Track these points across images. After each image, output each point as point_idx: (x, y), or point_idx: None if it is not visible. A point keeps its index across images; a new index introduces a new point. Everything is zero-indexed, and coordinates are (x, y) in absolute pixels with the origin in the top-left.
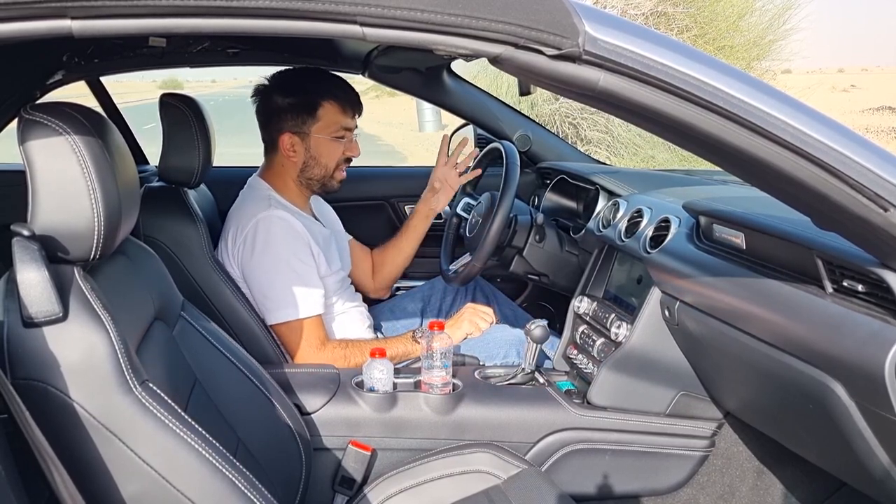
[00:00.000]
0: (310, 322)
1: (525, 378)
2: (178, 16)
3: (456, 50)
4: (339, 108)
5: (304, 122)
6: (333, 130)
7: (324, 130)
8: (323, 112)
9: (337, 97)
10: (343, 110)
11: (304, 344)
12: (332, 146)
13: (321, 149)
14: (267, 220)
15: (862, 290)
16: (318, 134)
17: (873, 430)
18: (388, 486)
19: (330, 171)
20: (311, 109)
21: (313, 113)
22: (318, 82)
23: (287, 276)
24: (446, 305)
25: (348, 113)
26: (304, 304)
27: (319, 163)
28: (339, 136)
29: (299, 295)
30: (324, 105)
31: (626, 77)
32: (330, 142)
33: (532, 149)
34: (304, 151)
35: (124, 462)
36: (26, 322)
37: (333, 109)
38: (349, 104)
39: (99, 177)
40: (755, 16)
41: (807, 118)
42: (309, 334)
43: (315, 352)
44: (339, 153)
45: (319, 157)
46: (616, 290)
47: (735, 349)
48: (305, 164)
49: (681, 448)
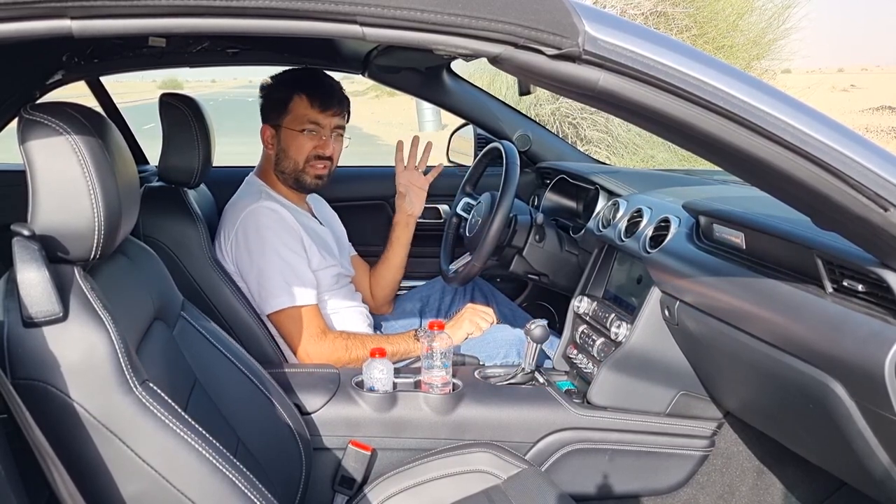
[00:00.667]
0: (307, 310)
1: (525, 378)
2: (178, 16)
3: (456, 50)
4: (307, 101)
5: (278, 115)
6: (301, 123)
7: (292, 123)
8: (293, 105)
9: (307, 91)
10: (311, 104)
11: (304, 333)
12: (300, 140)
13: (289, 141)
14: (256, 211)
15: (862, 289)
16: (288, 127)
17: (873, 430)
18: (388, 485)
19: (300, 166)
20: (283, 103)
21: (285, 106)
22: (297, 78)
23: (280, 265)
24: (445, 305)
25: (316, 108)
26: (299, 292)
27: (288, 155)
28: (306, 130)
29: (293, 283)
30: (294, 98)
31: (626, 77)
32: (297, 135)
33: (532, 149)
34: (277, 144)
35: (124, 462)
36: (26, 322)
37: (302, 103)
38: (318, 99)
39: (99, 177)
40: (755, 15)
41: (807, 118)
42: (308, 323)
43: (316, 341)
44: (307, 148)
45: (288, 149)
46: (616, 290)
47: (735, 349)
48: (278, 156)
49: (681, 448)
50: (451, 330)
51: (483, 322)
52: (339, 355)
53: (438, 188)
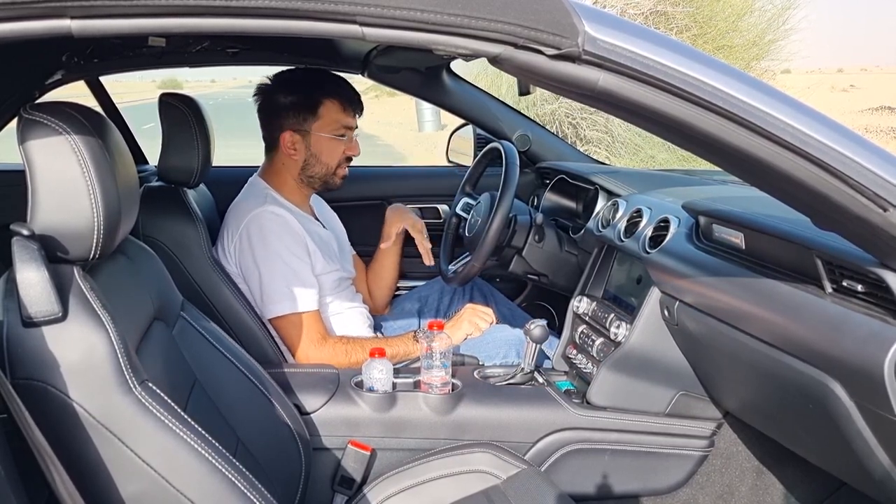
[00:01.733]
0: (308, 316)
1: (524, 378)
2: (178, 15)
3: (455, 50)
4: (339, 106)
5: (305, 120)
6: (334, 129)
7: (324, 129)
8: (324, 110)
9: (338, 96)
10: (344, 109)
11: (305, 338)
12: (333, 144)
13: (322, 147)
14: (261, 215)
15: (861, 289)
16: (319, 132)
17: (873, 430)
18: (387, 485)
19: (332, 170)
20: (313, 108)
21: (314, 111)
22: (319, 81)
23: (283, 271)
24: (444, 305)
25: (349, 112)
26: (301, 299)
27: (320, 161)
28: (339, 135)
29: (296, 289)
30: (325, 103)
31: (626, 77)
32: (330, 140)
33: (531, 149)
34: (305, 149)
35: (124, 462)
36: (26, 322)
37: (334, 108)
38: (350, 103)
39: (98, 176)
40: (754, 15)
41: (806, 118)
42: (308, 329)
43: (315, 346)
44: (339, 152)
45: (320, 154)
46: (615, 290)
47: (734, 349)
48: (306, 161)
49: (680, 448)
50: (451, 330)
51: (482, 322)
52: (339, 360)
53: (438, 188)
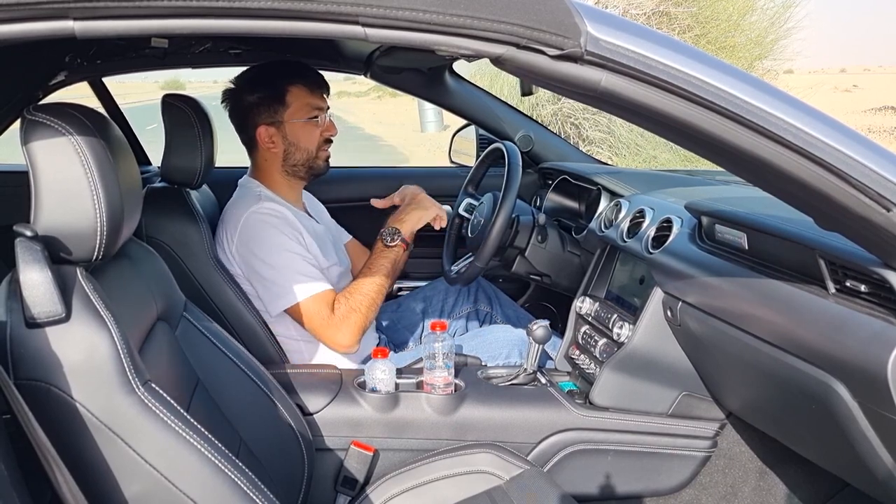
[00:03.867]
0: (315, 300)
1: (527, 378)
2: (181, 16)
3: (458, 50)
4: (306, 90)
5: (276, 112)
6: (306, 112)
7: (296, 115)
8: (291, 97)
9: (302, 79)
10: (311, 91)
11: (321, 319)
12: (308, 128)
13: (298, 134)
14: (258, 213)
15: (864, 290)
16: (292, 119)
17: (876, 431)
18: (390, 486)
19: (313, 154)
20: (280, 97)
21: (282, 100)
22: (281, 71)
23: (288, 262)
24: (448, 306)
25: (316, 94)
26: (309, 285)
27: (300, 147)
28: (312, 117)
29: (303, 277)
30: (291, 90)
31: (628, 77)
32: (305, 125)
33: (534, 149)
34: (283, 140)
35: (127, 462)
36: (29, 322)
37: (301, 92)
38: (315, 85)
39: (101, 177)
40: (756, 15)
41: (809, 118)
42: (323, 309)
43: (327, 325)
44: (316, 135)
45: (298, 142)
46: (618, 291)
47: (737, 349)
48: (287, 152)
49: (683, 448)
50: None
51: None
52: (353, 319)
53: (441, 189)
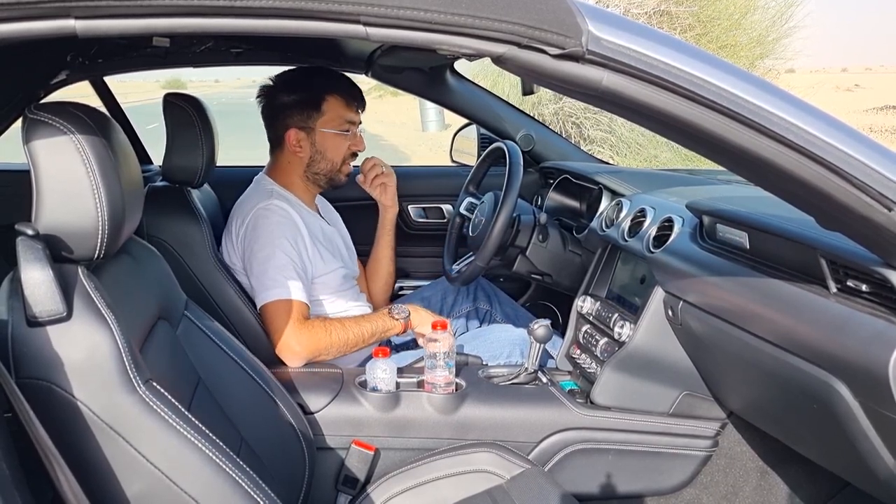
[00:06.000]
0: (295, 304)
1: (528, 378)
2: (182, 15)
3: (459, 49)
4: (343, 102)
5: (309, 118)
6: (338, 124)
7: (328, 125)
8: (327, 107)
9: (341, 91)
10: (347, 104)
11: (286, 325)
12: (338, 140)
13: (327, 143)
14: (265, 208)
15: (866, 289)
16: (324, 128)
17: (877, 431)
18: (391, 485)
19: (337, 166)
20: (316, 104)
21: (318, 108)
22: (322, 78)
23: (275, 259)
24: (448, 305)
25: (352, 107)
26: (288, 287)
27: (325, 157)
28: (343, 130)
29: (283, 278)
30: (328, 100)
31: (630, 76)
32: (335, 136)
33: (535, 148)
34: (311, 146)
35: (128, 461)
36: (30, 321)
37: (337, 104)
38: (353, 98)
39: (103, 176)
40: (758, 13)
41: (811, 117)
42: (292, 316)
43: (294, 330)
44: (344, 147)
45: (325, 151)
46: (619, 290)
47: (738, 349)
48: (312, 158)
49: (684, 448)
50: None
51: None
52: (319, 338)
53: (442, 188)
